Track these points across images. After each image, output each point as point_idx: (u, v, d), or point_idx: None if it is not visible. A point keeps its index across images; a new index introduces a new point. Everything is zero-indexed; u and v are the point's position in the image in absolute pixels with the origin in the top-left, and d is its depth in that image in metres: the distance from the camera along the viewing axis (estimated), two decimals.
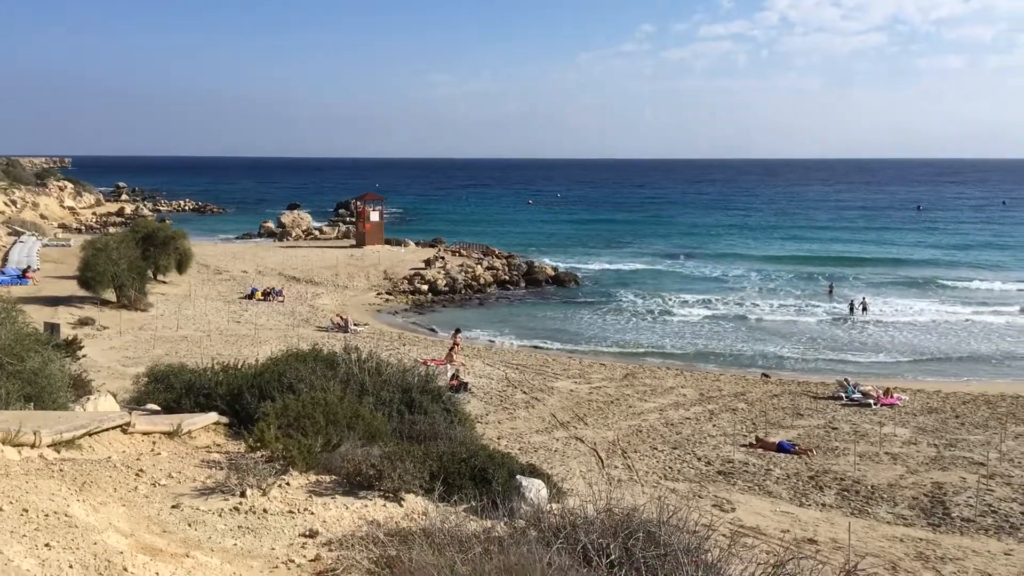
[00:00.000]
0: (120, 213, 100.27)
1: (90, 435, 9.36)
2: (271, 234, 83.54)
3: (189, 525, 6.86)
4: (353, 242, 73.06)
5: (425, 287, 54.56)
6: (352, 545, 6.67)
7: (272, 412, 10.24)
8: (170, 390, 13.47)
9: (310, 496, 8.10)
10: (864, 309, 50.09)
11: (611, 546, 6.47)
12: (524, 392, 30.06)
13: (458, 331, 36.58)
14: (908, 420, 27.61)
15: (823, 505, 19.93)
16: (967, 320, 47.92)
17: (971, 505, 19.89)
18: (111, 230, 69.99)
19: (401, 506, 8.26)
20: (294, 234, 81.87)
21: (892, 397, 29.86)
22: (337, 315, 42.89)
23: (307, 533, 7.00)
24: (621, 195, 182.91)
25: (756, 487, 21.04)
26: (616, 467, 22.25)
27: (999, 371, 36.76)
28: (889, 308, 51.58)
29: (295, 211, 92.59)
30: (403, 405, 13.40)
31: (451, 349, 33.84)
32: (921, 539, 17.82)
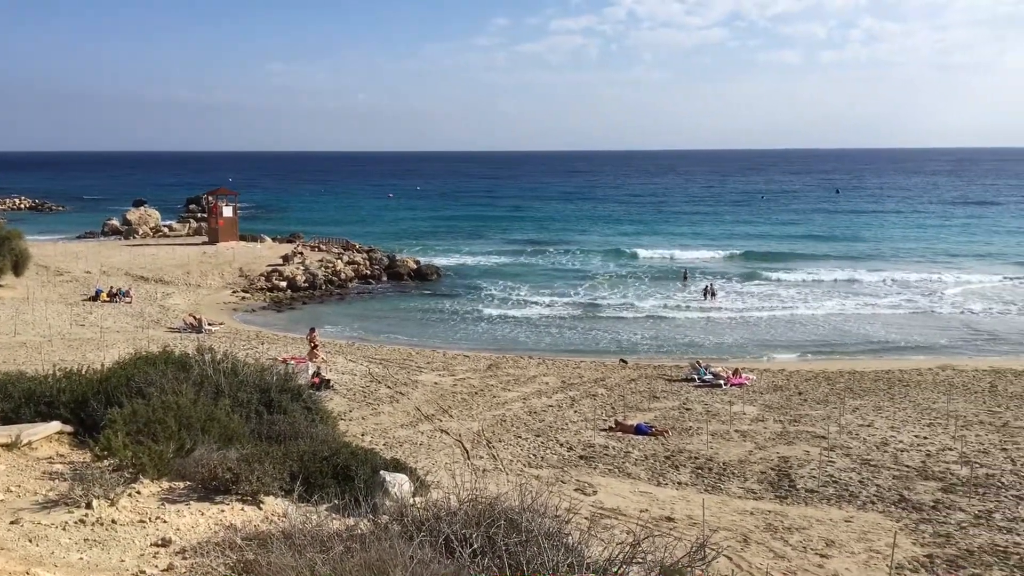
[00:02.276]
0: None
1: None
2: (116, 232, 79.52)
3: (30, 541, 6.50)
4: (205, 239, 70.48)
5: (283, 284, 53.27)
6: (208, 552, 6.49)
7: (120, 418, 9.82)
8: (7, 399, 12.64)
9: (162, 504, 7.82)
10: (712, 295, 52.28)
11: (473, 536, 6.55)
12: (388, 387, 29.87)
13: (313, 329, 35.95)
14: (756, 398, 29.04)
15: (679, 483, 20.73)
16: (806, 302, 50.82)
17: (814, 477, 21.14)
18: None
19: (260, 509, 8.10)
20: (141, 232, 78.20)
21: (741, 377, 31.33)
22: (190, 315, 41.31)
23: (159, 542, 6.76)
24: (482, 188, 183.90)
25: (616, 469, 21.67)
26: (481, 457, 22.44)
27: (837, 349, 39.12)
28: (737, 294, 54.05)
29: (142, 207, 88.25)
30: (261, 405, 13.08)
31: (312, 347, 33.27)
32: (770, 511, 18.82)
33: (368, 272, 58.93)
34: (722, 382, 30.72)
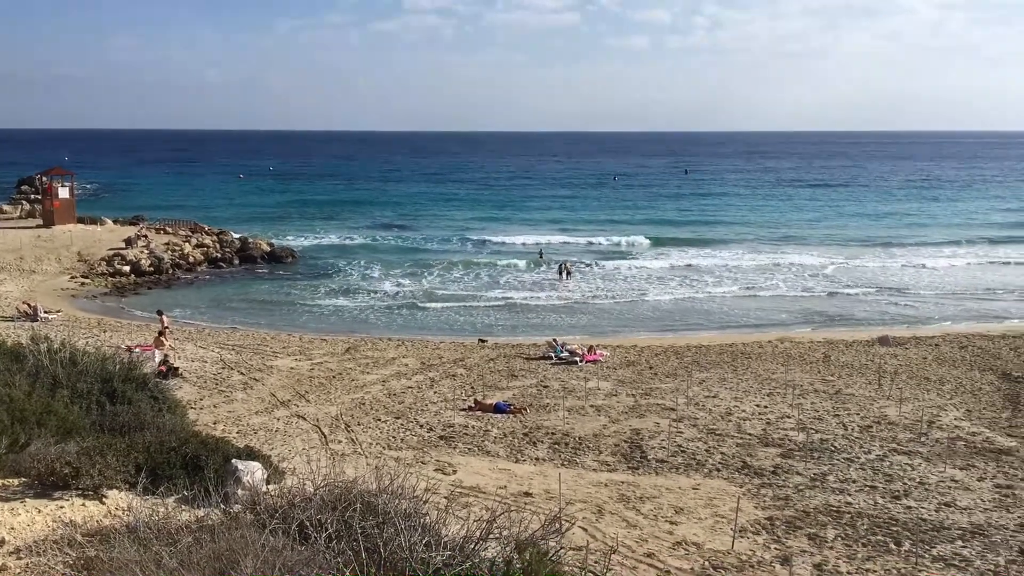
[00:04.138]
0: None
1: None
2: None
3: None
4: (40, 222, 66.21)
5: (127, 268, 50.76)
6: (45, 551, 6.18)
7: None
8: None
9: None
10: (568, 274, 53.41)
11: (329, 520, 6.50)
12: (241, 373, 29.05)
13: (161, 312, 34.56)
14: (610, 374, 29.94)
15: (537, 459, 21.16)
16: (658, 279, 52.72)
17: (664, 447, 22.03)
18: None
19: (103, 504, 7.77)
20: None
21: (595, 354, 32.21)
22: (24, 303, 38.82)
23: None
24: (339, 168, 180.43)
25: (476, 448, 21.90)
26: (340, 442, 22.20)
27: (688, 326, 40.78)
28: (592, 275, 55.41)
29: None
30: (104, 396, 12.53)
31: (160, 333, 31.92)
32: (623, 482, 19.49)
33: (219, 255, 56.90)
34: (578, 359, 31.49)
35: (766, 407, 25.80)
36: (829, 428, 23.78)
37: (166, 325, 32.93)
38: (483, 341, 35.99)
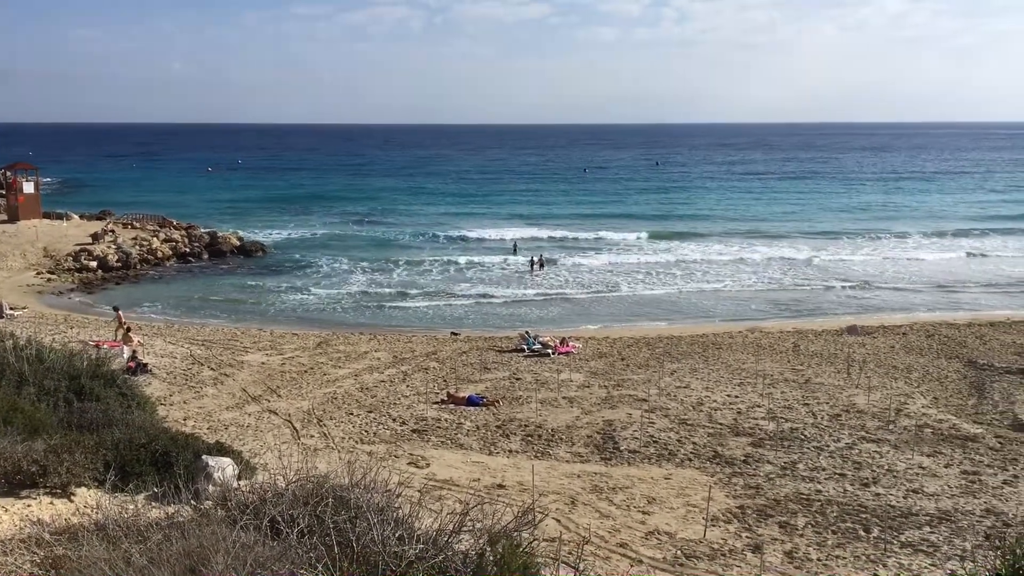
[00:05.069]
0: None
1: None
2: None
3: None
4: (4, 217, 65.12)
5: (94, 264, 50.10)
6: (12, 550, 6.10)
7: None
8: None
9: None
10: (542, 266, 53.46)
11: (301, 515, 6.48)
12: (212, 368, 28.81)
13: (117, 308, 34.12)
14: (582, 366, 30.03)
15: (510, 451, 21.19)
16: (630, 271, 52.93)
17: (636, 438, 22.14)
18: None
19: (71, 501, 7.68)
20: None
21: (568, 346, 32.29)
22: None
23: None
24: (308, 161, 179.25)
25: (449, 441, 21.89)
26: (312, 436, 22.10)
27: (655, 315, 40.99)
28: (563, 265, 55.50)
29: None
30: (71, 393, 12.38)
31: (127, 329, 31.57)
32: (596, 473, 19.57)
33: (187, 250, 56.32)
34: (550, 351, 31.55)
35: (737, 397, 26.02)
36: (799, 417, 24.03)
37: (123, 321, 32.60)
38: (455, 334, 35.95)
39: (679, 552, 15.40)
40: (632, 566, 14.85)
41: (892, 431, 22.78)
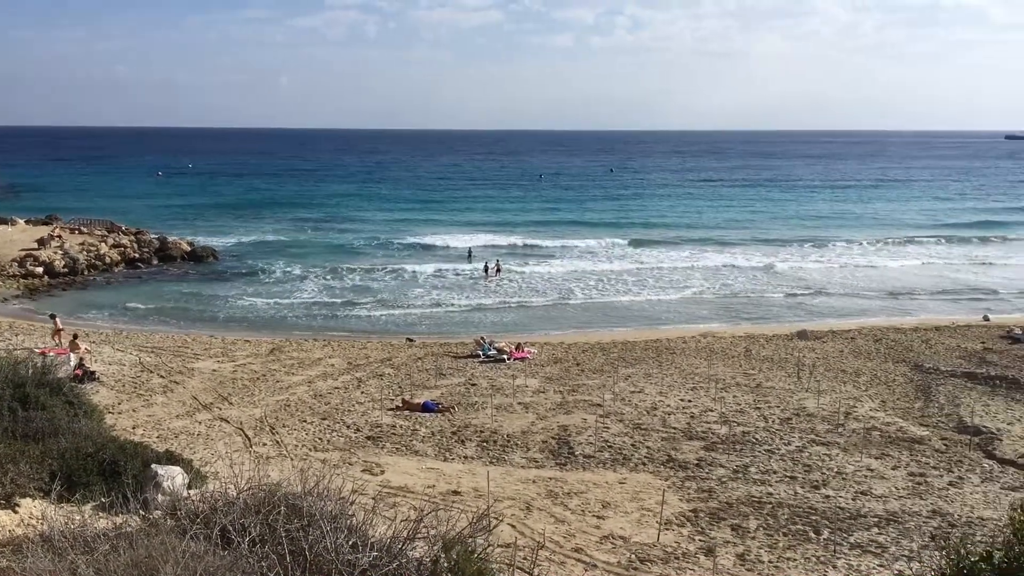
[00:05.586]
0: None
1: None
2: None
3: None
4: None
5: (40, 269, 49.02)
6: None
7: None
8: None
9: None
10: (498, 271, 53.49)
11: (252, 524, 6.40)
12: (161, 376, 28.34)
13: (54, 316, 33.42)
14: (537, 371, 30.09)
15: (465, 457, 21.16)
16: (583, 277, 53.20)
17: (591, 443, 22.25)
18: None
19: (16, 512, 7.50)
20: None
21: (523, 351, 32.34)
22: None
23: None
24: (261, 166, 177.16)
25: (404, 448, 21.78)
26: (264, 444, 21.84)
27: (609, 321, 41.26)
28: (518, 271, 55.56)
29: None
30: (15, 402, 12.06)
31: (74, 336, 30.97)
32: (551, 478, 19.63)
33: (136, 255, 55.37)
34: (506, 357, 31.56)
35: (690, 401, 26.27)
36: (751, 421, 24.34)
37: (59, 328, 32.01)
38: (411, 340, 35.81)
39: (633, 556, 15.51)
40: (587, 571, 14.93)
41: (841, 434, 23.18)
